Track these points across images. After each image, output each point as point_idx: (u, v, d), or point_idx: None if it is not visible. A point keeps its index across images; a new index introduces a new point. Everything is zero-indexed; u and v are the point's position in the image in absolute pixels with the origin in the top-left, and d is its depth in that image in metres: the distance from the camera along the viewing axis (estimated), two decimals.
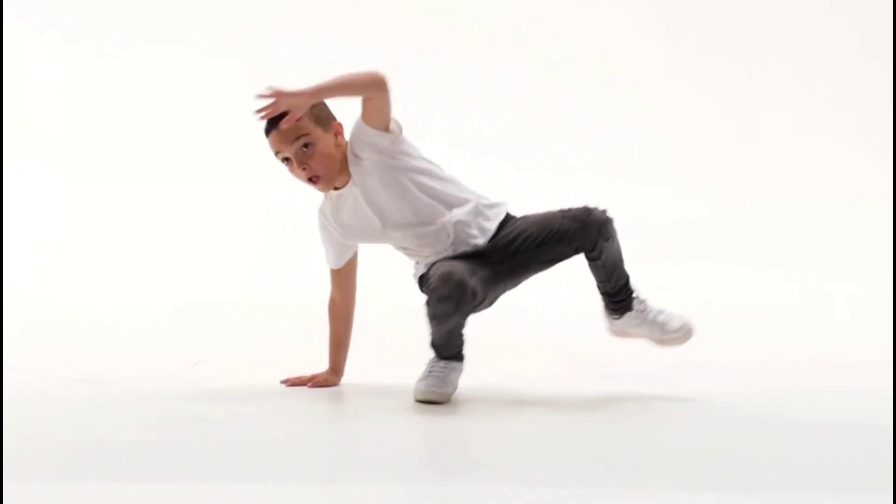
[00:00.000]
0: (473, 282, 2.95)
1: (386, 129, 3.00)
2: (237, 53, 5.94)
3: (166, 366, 3.65)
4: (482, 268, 3.04)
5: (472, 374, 3.21)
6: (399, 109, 3.02)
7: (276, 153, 3.03)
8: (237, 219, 5.55)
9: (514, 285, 3.20)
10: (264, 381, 3.31)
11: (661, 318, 3.12)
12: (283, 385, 3.30)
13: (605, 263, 3.05)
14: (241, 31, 6.02)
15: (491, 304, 3.18)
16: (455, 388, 3.08)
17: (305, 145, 2.99)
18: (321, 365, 3.38)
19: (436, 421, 2.85)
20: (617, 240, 3.06)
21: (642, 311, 3.13)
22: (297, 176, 3.05)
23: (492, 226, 3.12)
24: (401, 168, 3.05)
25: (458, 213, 3.10)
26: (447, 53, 6.03)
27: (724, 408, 3.03)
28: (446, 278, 2.91)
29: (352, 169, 3.06)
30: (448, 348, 3.09)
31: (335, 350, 3.35)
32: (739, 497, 2.12)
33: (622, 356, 3.75)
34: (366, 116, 3.00)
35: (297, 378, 3.32)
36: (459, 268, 2.95)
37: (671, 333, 3.11)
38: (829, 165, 5.91)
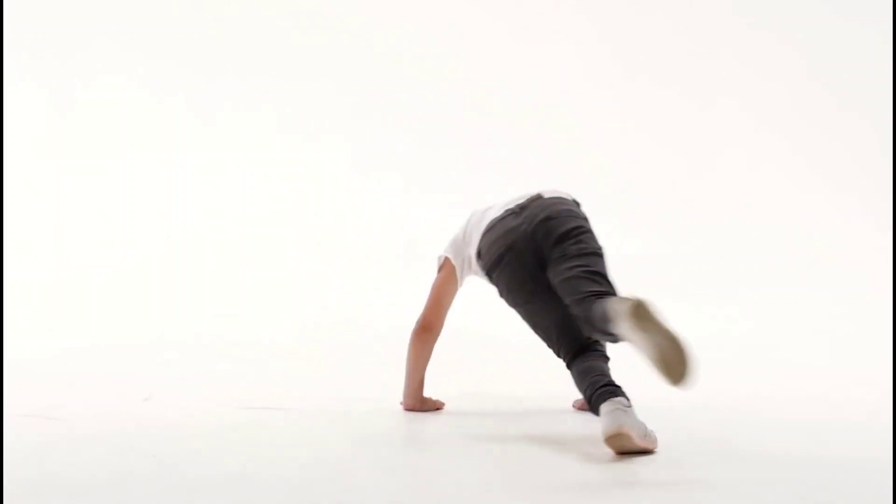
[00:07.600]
0: None
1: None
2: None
3: (117, 401, 3.63)
4: None
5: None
6: (341, 150, 3.03)
7: None
8: (187, 256, 5.53)
9: None
10: (215, 417, 3.30)
11: None
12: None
13: None
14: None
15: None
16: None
17: None
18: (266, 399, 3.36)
19: (394, 454, 2.85)
20: None
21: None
22: None
23: None
24: None
25: None
26: (396, 93, 6.05)
27: (679, 443, 3.06)
28: None
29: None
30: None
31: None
32: None
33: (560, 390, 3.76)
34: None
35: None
36: None
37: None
38: (779, 201, 5.98)
